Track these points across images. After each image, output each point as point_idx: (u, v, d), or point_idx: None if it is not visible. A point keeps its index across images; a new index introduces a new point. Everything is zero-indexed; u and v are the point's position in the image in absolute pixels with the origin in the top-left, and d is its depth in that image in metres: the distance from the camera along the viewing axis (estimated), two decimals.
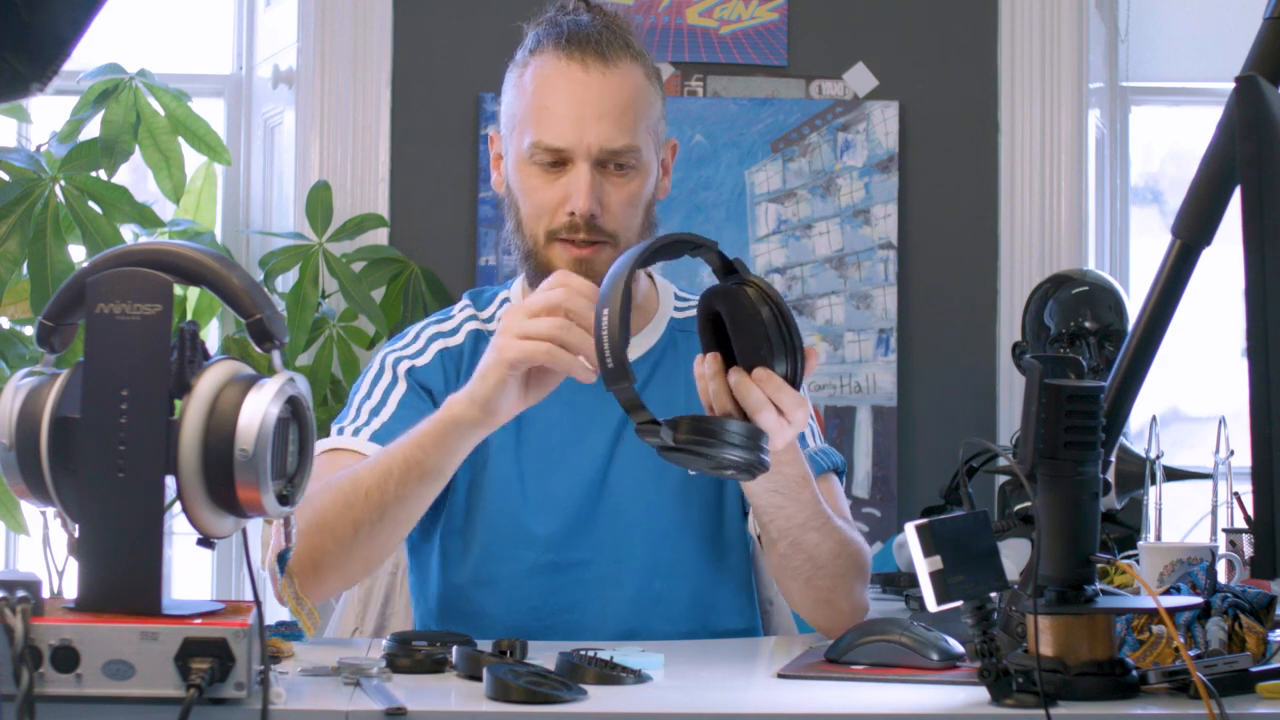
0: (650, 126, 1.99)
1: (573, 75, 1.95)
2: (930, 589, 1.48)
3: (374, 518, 1.82)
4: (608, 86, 1.95)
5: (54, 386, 1.39)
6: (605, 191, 1.96)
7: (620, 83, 1.96)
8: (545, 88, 1.97)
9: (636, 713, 1.50)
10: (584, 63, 1.95)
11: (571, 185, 1.95)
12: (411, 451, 1.81)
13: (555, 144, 1.94)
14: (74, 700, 1.33)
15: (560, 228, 1.96)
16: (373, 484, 1.81)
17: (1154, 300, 1.69)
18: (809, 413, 1.70)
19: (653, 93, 2.00)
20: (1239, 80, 1.50)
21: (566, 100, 1.95)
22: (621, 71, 1.96)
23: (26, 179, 3.32)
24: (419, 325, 2.10)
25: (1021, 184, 3.81)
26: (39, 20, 1.29)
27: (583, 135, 1.94)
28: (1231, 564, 2.07)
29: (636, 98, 1.97)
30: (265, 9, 3.87)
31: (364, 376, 2.05)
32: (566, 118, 1.94)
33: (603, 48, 1.96)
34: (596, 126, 1.94)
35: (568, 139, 1.94)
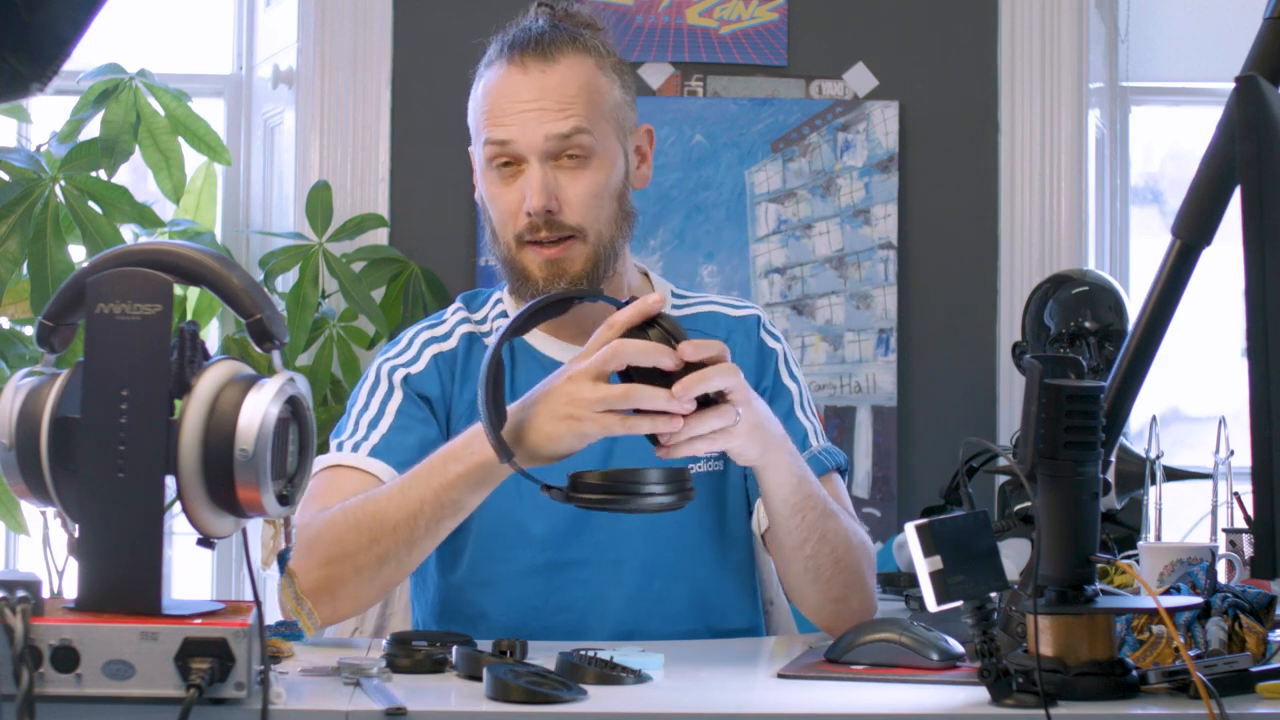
0: (606, 113, 1.98)
1: (514, 76, 1.97)
2: (930, 589, 1.48)
3: (402, 553, 1.82)
4: (548, 81, 1.96)
5: (54, 386, 1.39)
6: (560, 185, 1.96)
7: (563, 76, 1.96)
8: (490, 93, 1.99)
9: (636, 713, 1.50)
10: (524, 65, 1.97)
11: (526, 184, 1.95)
12: (445, 493, 1.79)
13: (501, 137, 1.96)
14: (74, 700, 1.33)
15: (524, 230, 1.96)
16: (401, 520, 1.80)
17: (1154, 300, 1.69)
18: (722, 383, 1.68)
19: (606, 80, 2.00)
20: (1239, 80, 1.50)
21: (509, 98, 1.96)
22: (563, 65, 1.97)
23: (26, 179, 3.32)
24: (412, 330, 2.09)
25: (1021, 184, 3.81)
26: (39, 20, 1.29)
27: (525, 129, 1.95)
28: (1231, 564, 2.07)
29: (583, 87, 1.97)
30: (265, 9, 3.87)
31: (360, 387, 2.04)
32: (508, 114, 1.96)
33: (544, 48, 1.97)
34: (539, 119, 1.94)
35: (512, 134, 1.95)
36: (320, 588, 1.80)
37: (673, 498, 1.66)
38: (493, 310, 2.10)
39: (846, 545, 1.92)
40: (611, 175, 1.98)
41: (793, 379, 2.10)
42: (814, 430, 2.09)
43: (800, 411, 2.08)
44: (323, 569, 1.80)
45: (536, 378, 1.99)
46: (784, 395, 2.08)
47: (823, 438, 2.09)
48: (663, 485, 1.65)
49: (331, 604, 1.83)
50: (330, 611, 1.84)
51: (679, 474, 1.67)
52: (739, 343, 2.08)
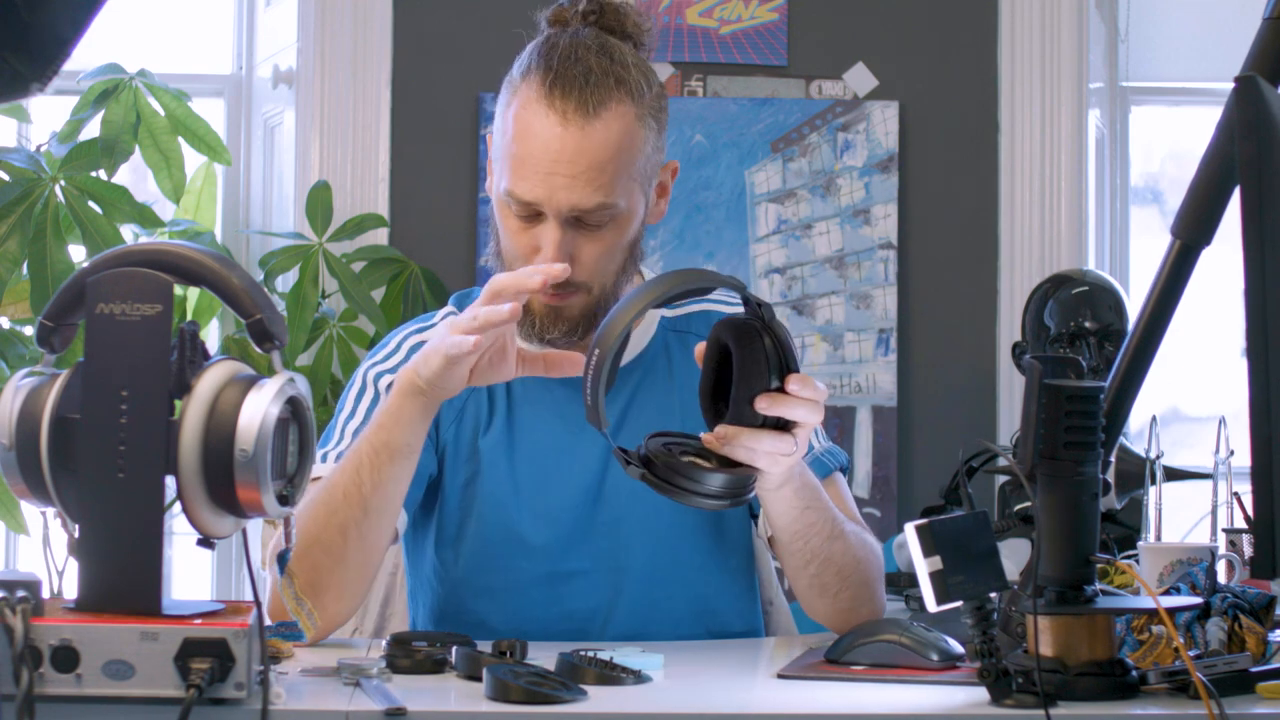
0: (635, 173, 1.91)
1: (550, 130, 1.85)
2: (930, 589, 1.48)
3: (358, 516, 1.82)
4: (585, 144, 1.85)
5: (54, 386, 1.39)
6: (578, 245, 1.89)
7: (601, 137, 1.86)
8: (522, 135, 1.88)
9: (636, 713, 1.50)
10: (564, 115, 1.85)
11: (542, 239, 1.88)
12: (374, 434, 1.81)
13: (525, 198, 1.88)
14: (74, 700, 1.33)
15: None
16: (348, 483, 1.81)
17: (1154, 300, 1.69)
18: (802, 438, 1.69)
19: (642, 132, 1.90)
20: (1239, 80, 1.50)
21: (540, 155, 1.86)
22: (604, 121, 1.86)
23: (26, 179, 3.33)
24: (400, 333, 2.07)
25: (1021, 184, 3.81)
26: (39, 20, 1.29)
27: (553, 194, 1.86)
28: (1231, 564, 2.07)
29: (619, 150, 1.87)
30: (265, 9, 3.87)
31: (348, 392, 2.03)
32: (537, 173, 1.86)
33: (587, 95, 1.85)
34: (568, 186, 1.86)
35: (537, 194, 1.87)
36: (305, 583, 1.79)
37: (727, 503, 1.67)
38: None
39: (854, 562, 1.91)
40: (628, 232, 1.93)
41: None
42: (815, 432, 2.08)
43: None
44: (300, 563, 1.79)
45: (533, 390, 1.99)
46: None
47: (824, 438, 2.08)
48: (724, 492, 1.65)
49: (319, 596, 1.81)
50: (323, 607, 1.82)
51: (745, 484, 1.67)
52: None
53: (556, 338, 1.94)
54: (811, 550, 1.88)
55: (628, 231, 1.93)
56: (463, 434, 1.99)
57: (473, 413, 2.00)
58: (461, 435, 1.99)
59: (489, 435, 1.99)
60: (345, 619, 1.91)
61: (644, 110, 1.91)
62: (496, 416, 1.99)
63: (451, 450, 1.99)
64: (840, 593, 1.92)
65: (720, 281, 1.66)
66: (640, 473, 1.64)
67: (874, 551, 1.98)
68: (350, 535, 1.82)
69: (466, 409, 1.99)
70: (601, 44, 1.91)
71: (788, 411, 1.66)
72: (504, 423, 1.99)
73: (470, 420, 1.99)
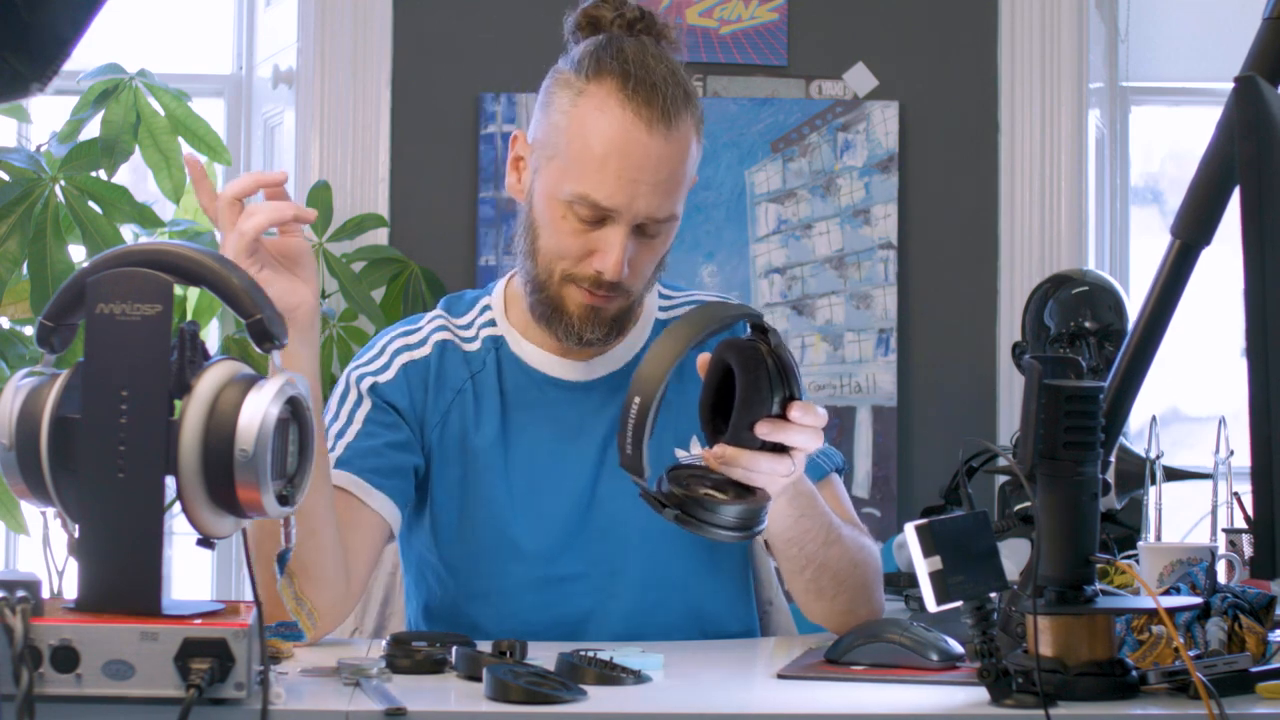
0: (688, 186, 1.93)
1: (635, 134, 1.85)
2: (930, 589, 1.48)
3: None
4: (667, 154, 1.86)
5: (54, 386, 1.39)
6: (636, 254, 1.90)
7: (679, 148, 1.88)
8: (602, 138, 1.86)
9: (636, 713, 1.50)
10: (649, 122, 1.85)
11: (605, 243, 1.88)
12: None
13: (605, 204, 1.86)
14: (74, 700, 1.33)
15: (582, 277, 1.91)
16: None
17: (1154, 300, 1.69)
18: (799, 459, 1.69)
19: (698, 146, 1.92)
20: (1239, 80, 1.50)
21: (623, 161, 1.85)
22: (681, 133, 1.87)
23: (26, 179, 3.32)
24: (386, 336, 2.05)
25: (1021, 184, 3.81)
26: (39, 20, 1.29)
27: (633, 200, 1.86)
28: (1231, 564, 2.07)
29: (687, 160, 1.89)
30: (265, 9, 3.87)
31: (333, 395, 2.02)
32: (620, 179, 1.85)
33: (667, 104, 1.85)
34: (649, 196, 1.86)
35: (617, 201, 1.86)
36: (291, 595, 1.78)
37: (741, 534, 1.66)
38: (479, 317, 2.05)
39: (850, 566, 1.92)
40: (672, 240, 1.95)
41: None
42: None
43: None
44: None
45: (528, 393, 1.99)
46: None
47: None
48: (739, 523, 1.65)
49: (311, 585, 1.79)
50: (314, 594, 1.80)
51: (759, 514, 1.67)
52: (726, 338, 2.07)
53: (595, 339, 1.94)
54: (807, 556, 1.88)
55: (672, 240, 1.95)
56: (448, 434, 1.98)
57: (458, 412, 1.99)
58: (448, 435, 1.98)
59: (481, 436, 1.98)
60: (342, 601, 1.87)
61: (699, 123, 1.93)
62: (489, 418, 1.99)
63: (439, 451, 1.98)
64: (837, 596, 1.92)
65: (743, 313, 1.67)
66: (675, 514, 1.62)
67: (871, 554, 1.98)
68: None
69: (452, 409, 1.99)
70: (660, 53, 1.91)
71: (788, 438, 1.66)
72: (498, 426, 1.99)
73: (456, 420, 1.99)
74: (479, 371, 2.00)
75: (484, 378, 2.00)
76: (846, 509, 2.05)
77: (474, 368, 2.00)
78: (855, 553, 1.93)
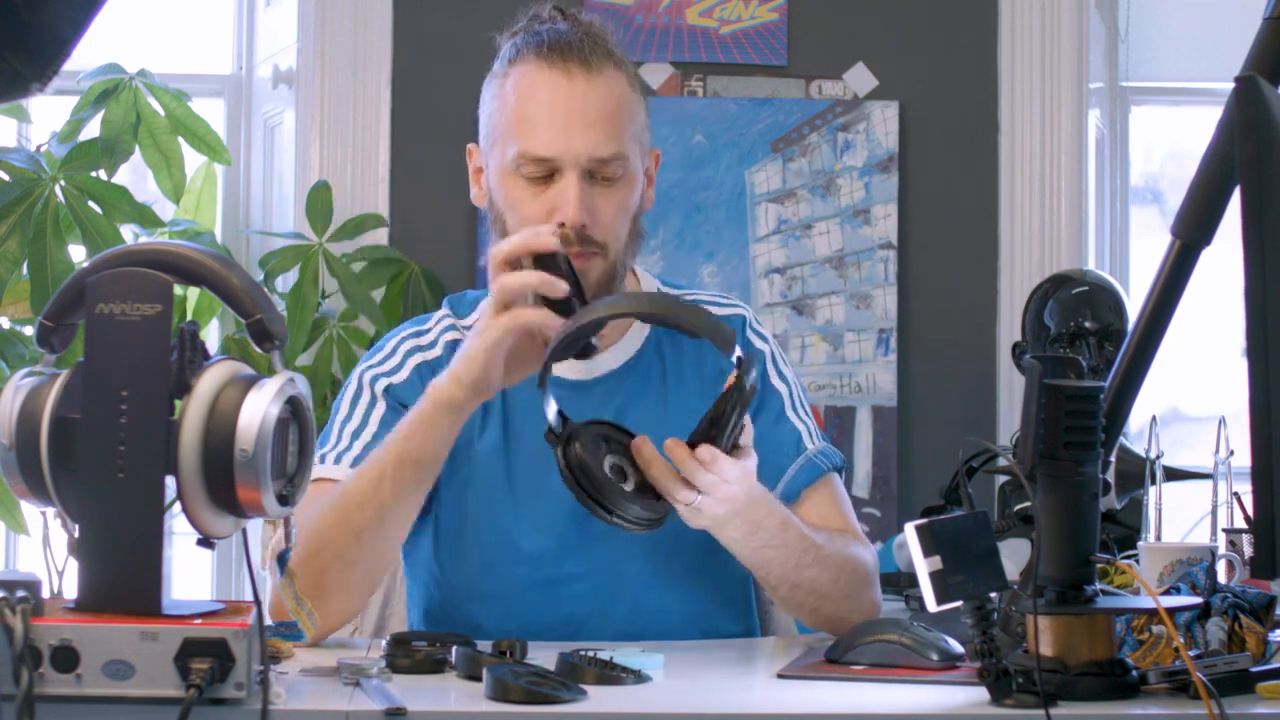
0: (635, 135, 1.96)
1: (557, 83, 1.91)
2: (930, 589, 1.48)
3: (373, 522, 1.83)
4: (593, 94, 1.92)
5: (54, 386, 1.39)
6: (593, 201, 1.92)
7: (606, 90, 1.92)
8: (528, 96, 1.92)
9: (636, 713, 1.50)
10: (567, 70, 1.91)
11: (559, 196, 1.91)
12: (401, 446, 1.82)
13: (542, 153, 1.90)
14: (74, 700, 1.33)
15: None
16: (368, 489, 1.83)
17: (1154, 300, 1.69)
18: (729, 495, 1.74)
19: (636, 102, 1.97)
20: (1239, 80, 1.50)
21: (551, 108, 1.91)
22: (606, 78, 1.92)
23: (26, 179, 3.33)
24: (395, 336, 2.06)
25: (1021, 184, 3.81)
26: (39, 20, 1.29)
27: (570, 143, 1.90)
28: (1231, 564, 2.07)
29: (622, 105, 1.94)
30: (265, 9, 3.87)
31: (344, 395, 2.03)
32: (552, 126, 1.90)
33: (585, 55, 1.92)
34: (584, 134, 1.90)
35: (554, 148, 1.90)
36: (310, 585, 1.80)
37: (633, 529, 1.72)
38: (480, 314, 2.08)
39: (831, 580, 1.92)
40: (634, 194, 1.97)
41: (782, 379, 2.08)
42: (808, 431, 2.07)
43: (792, 412, 2.07)
44: (307, 567, 1.80)
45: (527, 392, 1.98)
46: (773, 398, 2.07)
47: (818, 437, 2.08)
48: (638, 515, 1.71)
49: (324, 599, 1.82)
50: (325, 608, 1.83)
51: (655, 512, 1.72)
52: None
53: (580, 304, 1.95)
54: (777, 578, 1.90)
55: (634, 193, 1.97)
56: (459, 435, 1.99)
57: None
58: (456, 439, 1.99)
59: (484, 440, 1.99)
60: (350, 619, 1.92)
61: (634, 81, 1.98)
62: (493, 418, 1.99)
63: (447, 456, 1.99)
64: (820, 608, 1.93)
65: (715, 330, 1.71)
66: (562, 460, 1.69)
67: (859, 560, 1.97)
68: (365, 541, 1.84)
69: None
70: (577, 24, 1.97)
71: (687, 470, 1.71)
72: (500, 429, 1.99)
73: (466, 422, 1.99)
74: None
75: None
76: (841, 511, 2.05)
77: None
78: (838, 566, 1.93)
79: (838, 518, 2.04)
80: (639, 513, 1.70)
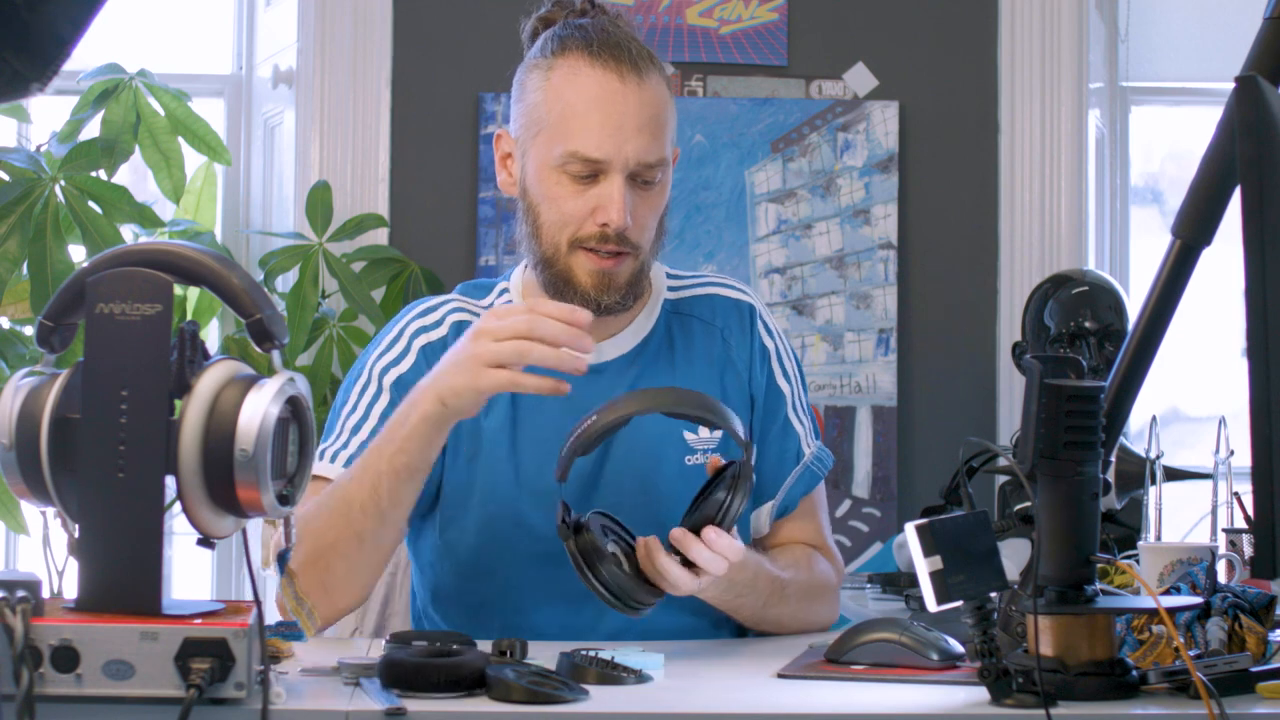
0: (671, 139, 1.99)
1: (609, 85, 1.92)
2: (930, 589, 1.48)
3: (375, 526, 1.87)
4: (644, 98, 1.93)
5: (54, 386, 1.39)
6: (634, 204, 1.94)
7: (654, 95, 1.95)
8: (580, 96, 1.93)
9: (637, 713, 1.50)
10: (620, 73, 1.93)
11: (604, 197, 1.93)
12: (394, 455, 1.85)
13: (594, 155, 1.92)
14: (74, 700, 1.33)
15: (588, 237, 1.95)
16: (365, 497, 1.86)
17: (1154, 300, 1.69)
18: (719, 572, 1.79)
19: (673, 105, 2.00)
20: (1239, 80, 1.50)
21: (605, 111, 1.92)
22: (653, 83, 1.95)
23: (26, 179, 3.32)
24: (403, 320, 2.07)
25: (1021, 184, 3.81)
26: (39, 20, 1.29)
27: (621, 147, 1.92)
28: (1231, 564, 2.07)
29: (664, 108, 1.96)
30: (265, 9, 3.87)
31: (353, 384, 2.04)
32: (605, 128, 1.92)
33: (634, 57, 1.94)
34: (635, 139, 1.92)
35: (606, 150, 1.92)
36: (312, 583, 1.83)
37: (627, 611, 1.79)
38: (498, 299, 2.09)
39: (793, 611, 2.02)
40: (667, 196, 2.01)
41: (786, 378, 2.10)
42: (805, 433, 2.11)
43: (793, 414, 2.10)
44: (311, 565, 1.84)
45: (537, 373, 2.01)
46: (778, 399, 2.08)
47: (813, 439, 2.11)
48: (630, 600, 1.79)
49: (327, 597, 1.86)
50: (328, 605, 1.87)
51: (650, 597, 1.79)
52: (734, 327, 2.09)
53: (612, 304, 1.98)
54: (745, 616, 1.99)
55: (667, 196, 2.00)
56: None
57: None
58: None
59: (491, 417, 2.00)
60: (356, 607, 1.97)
61: (669, 82, 2.00)
62: (499, 399, 2.00)
63: (455, 429, 2.00)
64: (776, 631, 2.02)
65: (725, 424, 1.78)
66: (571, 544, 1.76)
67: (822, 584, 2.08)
68: (367, 542, 1.87)
69: None
70: (616, 24, 1.99)
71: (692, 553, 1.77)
72: (507, 407, 2.01)
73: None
74: None
75: None
76: (821, 524, 2.14)
77: None
78: (799, 597, 2.02)
79: (816, 532, 2.13)
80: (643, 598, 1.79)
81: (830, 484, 3.72)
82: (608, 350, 2.04)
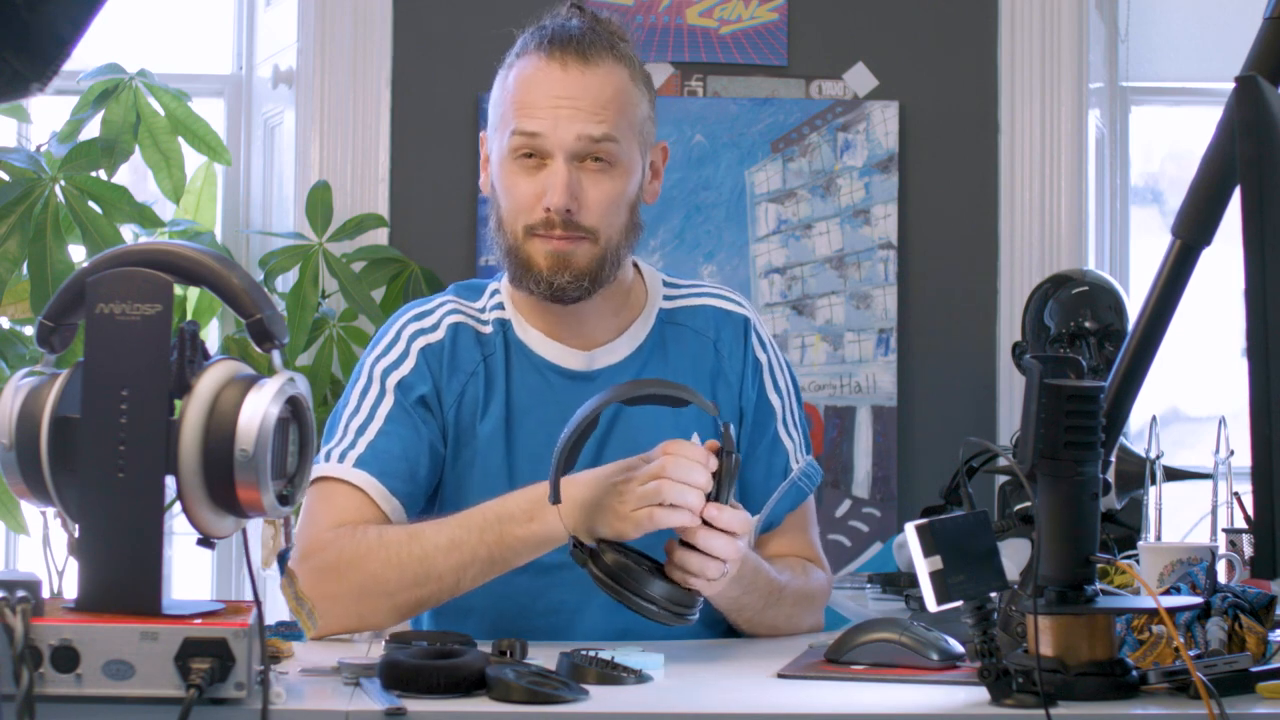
0: (633, 124, 1.99)
1: (552, 73, 1.97)
2: (930, 589, 1.48)
3: (444, 597, 1.88)
4: (587, 83, 1.96)
5: (54, 386, 1.39)
6: (583, 187, 1.96)
7: (601, 80, 1.97)
8: (524, 84, 1.98)
9: (637, 713, 1.50)
10: (564, 62, 1.97)
11: (548, 180, 1.95)
12: (499, 550, 1.85)
13: (530, 129, 1.95)
14: (74, 700, 1.33)
15: (537, 223, 1.96)
16: (448, 570, 1.86)
17: (1154, 300, 1.69)
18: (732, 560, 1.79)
19: (637, 93, 2.00)
20: (1239, 80, 1.50)
21: (544, 91, 1.96)
22: (603, 70, 1.97)
23: (26, 179, 3.32)
24: (400, 321, 2.07)
25: (1021, 184, 3.81)
26: (39, 20, 1.29)
27: (557, 123, 1.95)
28: (1231, 564, 2.07)
29: (617, 94, 1.98)
30: (265, 9, 3.87)
31: (352, 386, 2.03)
32: (543, 106, 1.96)
33: (584, 48, 1.97)
34: (572, 117, 1.95)
35: (543, 124, 1.95)
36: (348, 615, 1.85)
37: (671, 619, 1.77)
38: (490, 301, 2.09)
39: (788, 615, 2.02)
40: (629, 184, 2.00)
41: (777, 392, 2.10)
42: (795, 448, 2.10)
43: (783, 429, 2.10)
44: (357, 601, 1.85)
45: (531, 378, 2.01)
46: (768, 413, 2.09)
47: (803, 453, 2.11)
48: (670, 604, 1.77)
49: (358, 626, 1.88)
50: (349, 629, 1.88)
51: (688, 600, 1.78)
52: (728, 339, 2.09)
53: (566, 283, 1.97)
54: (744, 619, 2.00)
55: (629, 184, 1.99)
56: (463, 416, 2.02)
57: (471, 394, 2.03)
58: (462, 415, 2.02)
59: (486, 421, 2.00)
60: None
61: (636, 75, 2.01)
62: (494, 404, 2.01)
63: (453, 431, 2.01)
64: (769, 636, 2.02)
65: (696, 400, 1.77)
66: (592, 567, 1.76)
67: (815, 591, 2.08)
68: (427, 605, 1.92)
69: (466, 390, 2.03)
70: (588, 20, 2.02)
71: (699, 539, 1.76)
72: (501, 411, 2.01)
73: (470, 403, 2.02)
74: (491, 354, 2.04)
75: (495, 360, 2.04)
76: (810, 536, 2.14)
77: (487, 350, 2.04)
78: (794, 602, 2.02)
79: (805, 545, 2.13)
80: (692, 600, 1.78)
81: (830, 484, 3.72)
82: (601, 359, 2.04)
